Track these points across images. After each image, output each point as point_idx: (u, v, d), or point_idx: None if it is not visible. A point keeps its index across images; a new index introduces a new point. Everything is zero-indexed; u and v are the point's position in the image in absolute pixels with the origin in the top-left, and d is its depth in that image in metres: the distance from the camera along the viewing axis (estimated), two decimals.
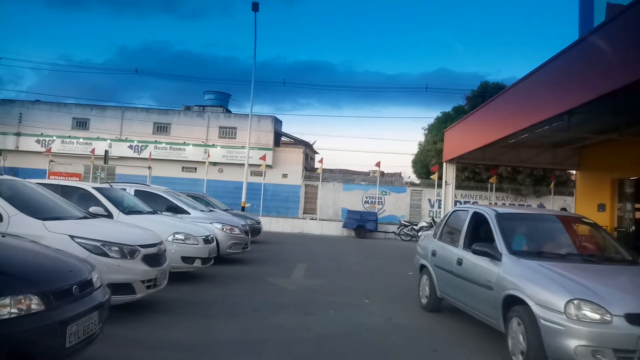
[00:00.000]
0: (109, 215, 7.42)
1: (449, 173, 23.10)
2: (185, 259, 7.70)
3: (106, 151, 25.28)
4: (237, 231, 10.60)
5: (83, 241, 5.08)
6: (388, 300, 7.59)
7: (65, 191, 7.81)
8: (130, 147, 31.42)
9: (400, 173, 40.07)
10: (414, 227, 21.64)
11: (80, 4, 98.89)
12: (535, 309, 4.24)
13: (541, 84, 13.86)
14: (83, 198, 7.66)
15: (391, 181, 33.03)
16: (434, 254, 6.73)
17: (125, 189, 10.15)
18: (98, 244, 5.14)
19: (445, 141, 23.93)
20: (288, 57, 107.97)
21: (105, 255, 5.13)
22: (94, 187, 7.92)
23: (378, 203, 29.35)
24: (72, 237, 5.07)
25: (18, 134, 31.89)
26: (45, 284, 3.11)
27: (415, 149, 36.10)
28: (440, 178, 23.18)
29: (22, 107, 32.57)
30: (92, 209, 7.24)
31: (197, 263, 7.91)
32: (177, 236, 7.70)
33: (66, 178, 21.33)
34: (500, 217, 5.57)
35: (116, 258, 5.20)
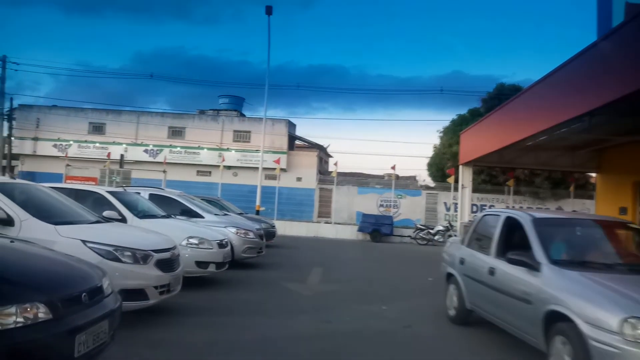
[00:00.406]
0: (123, 220, 7.33)
1: (466, 176, 22.78)
2: (199, 263, 7.58)
3: (122, 155, 25.45)
4: (251, 235, 10.47)
5: (95, 246, 4.98)
6: (407, 307, 7.37)
7: (79, 195, 7.76)
8: (146, 151, 31.61)
9: (415, 176, 39.72)
10: (430, 231, 21.34)
11: (96, 11, 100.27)
12: (584, 327, 3.77)
13: (561, 85, 13.54)
14: (97, 202, 7.59)
15: (406, 184, 32.69)
16: (462, 261, 6.29)
17: (139, 193, 10.10)
18: (110, 248, 5.03)
19: (462, 144, 23.63)
20: (301, 62, 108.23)
21: (118, 260, 5.02)
22: (108, 191, 7.84)
23: (393, 207, 29.07)
24: (84, 241, 4.97)
25: (36, 139, 32.26)
26: (53, 292, 2.99)
27: (430, 152, 35.83)
28: (456, 181, 22.90)
29: (39, 112, 32.97)
30: (106, 213, 7.15)
31: (212, 268, 7.79)
32: (191, 240, 7.59)
33: (82, 182, 21.48)
34: (537, 222, 5.07)
35: (129, 263, 5.09)
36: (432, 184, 34.17)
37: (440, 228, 21.39)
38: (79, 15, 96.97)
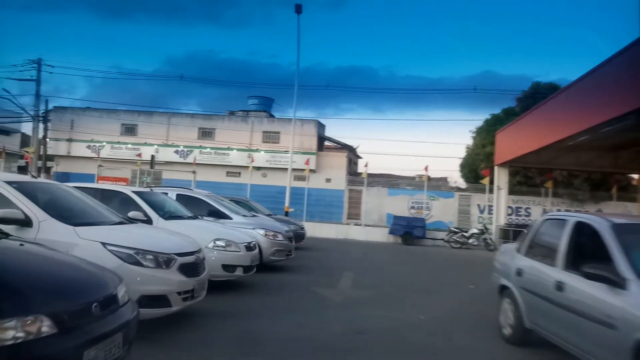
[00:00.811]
0: (148, 221, 7.09)
1: (501, 177, 22.01)
2: (226, 267, 7.27)
3: (152, 156, 25.60)
4: (280, 237, 10.14)
5: (115, 249, 4.70)
6: (447, 317, 6.87)
7: (105, 195, 7.58)
8: (176, 152, 31.83)
9: (446, 178, 38.86)
10: (464, 234, 20.62)
11: (129, 16, 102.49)
12: None
13: (604, 82, 12.74)
14: (123, 202, 7.39)
15: (437, 186, 31.93)
16: (519, 273, 5.51)
17: (167, 193, 9.91)
18: (131, 252, 4.74)
19: (497, 144, 22.84)
20: (329, 63, 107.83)
21: (139, 264, 4.73)
22: (133, 191, 7.63)
23: (425, 208, 28.39)
24: (104, 244, 4.70)
25: (70, 140, 32.89)
26: (59, 302, 2.68)
27: (462, 153, 34.98)
28: (491, 182, 22.13)
29: (73, 114, 33.61)
30: (131, 214, 6.93)
31: (239, 271, 7.47)
32: (218, 243, 7.29)
33: (114, 183, 21.62)
34: (618, 229, 4.27)
35: (151, 267, 4.79)
36: (462, 185, 33.35)
37: (475, 231, 20.64)
38: (113, 21, 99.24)
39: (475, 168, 31.31)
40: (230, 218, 9.85)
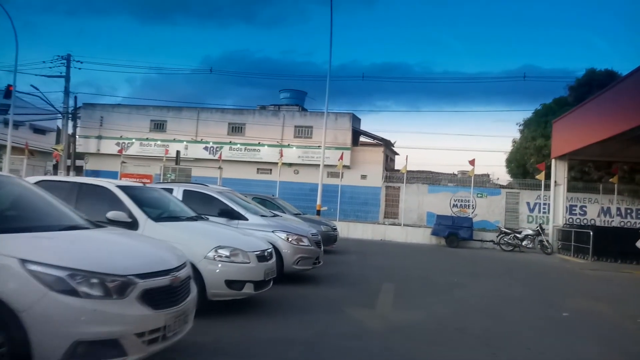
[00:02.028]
0: (133, 223, 5.53)
1: (559, 172, 19.60)
2: (230, 283, 5.60)
3: (178, 152, 24.44)
4: (305, 242, 8.42)
5: (39, 269, 3.08)
6: (531, 357, 4.99)
7: (83, 191, 6.10)
8: (206, 148, 30.66)
9: (488, 174, 36.34)
10: (517, 235, 18.37)
11: (168, 18, 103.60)
12: None
13: None
14: (104, 200, 5.85)
15: (482, 182, 29.51)
16: None
17: (172, 190, 8.41)
18: (63, 273, 3.12)
19: (554, 134, 20.36)
20: (364, 60, 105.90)
21: (73, 292, 3.10)
22: (118, 186, 6.07)
23: (469, 207, 26.23)
24: (23, 261, 3.10)
25: (99, 137, 32.23)
26: None
27: (508, 147, 32.47)
28: (547, 178, 19.73)
29: (103, 111, 32.91)
30: (110, 214, 5.41)
31: (248, 288, 5.79)
32: (221, 252, 5.63)
33: (137, 180, 20.49)
34: None
35: (92, 297, 3.16)
36: (504, 182, 30.94)
37: (529, 232, 18.35)
38: (152, 23, 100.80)
39: (524, 163, 28.81)
40: (246, 219, 8.21)
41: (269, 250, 6.48)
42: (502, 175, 33.96)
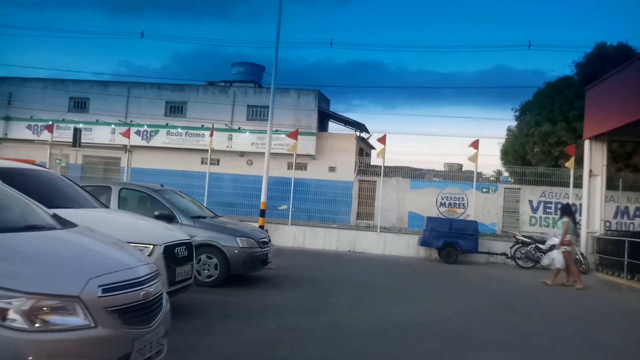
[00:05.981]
0: None
1: (596, 158, 14.55)
2: None
3: (75, 130, 18.56)
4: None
5: None
6: None
7: None
8: (137, 132, 24.80)
9: (460, 165, 31.75)
10: (540, 245, 13.22)
11: (139, 13, 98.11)
12: None
13: None
14: None
15: (470, 177, 24.54)
16: None
17: None
18: None
19: (588, 107, 15.14)
20: (339, 58, 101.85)
21: None
22: None
23: (459, 206, 21.29)
24: None
25: (7, 119, 26.03)
26: None
27: (502, 137, 27.71)
28: (579, 164, 14.61)
29: (12, 86, 26.66)
30: None
31: None
32: None
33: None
34: None
35: None
36: (491, 176, 26.39)
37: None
38: (122, 17, 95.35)
39: (524, 154, 23.99)
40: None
41: None
42: (494, 168, 29.24)
